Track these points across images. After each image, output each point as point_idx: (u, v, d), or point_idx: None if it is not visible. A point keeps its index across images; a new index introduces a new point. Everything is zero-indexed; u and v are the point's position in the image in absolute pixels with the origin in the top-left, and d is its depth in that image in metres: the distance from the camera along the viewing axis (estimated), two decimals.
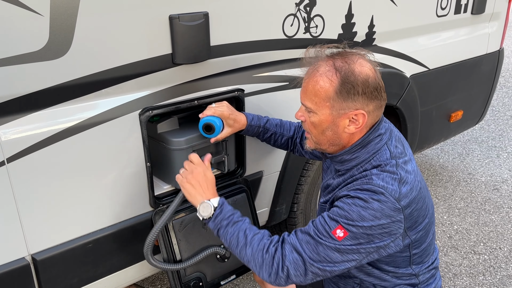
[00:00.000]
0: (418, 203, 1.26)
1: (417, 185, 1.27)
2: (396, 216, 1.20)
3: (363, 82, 1.22)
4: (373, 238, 1.21)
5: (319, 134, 1.31)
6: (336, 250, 1.21)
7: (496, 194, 3.29)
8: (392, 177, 1.23)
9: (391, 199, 1.19)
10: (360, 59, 1.25)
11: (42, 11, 1.21)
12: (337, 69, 1.23)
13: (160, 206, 1.64)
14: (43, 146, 1.32)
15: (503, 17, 2.90)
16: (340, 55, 1.27)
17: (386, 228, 1.21)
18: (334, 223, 1.22)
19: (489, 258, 2.63)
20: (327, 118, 1.27)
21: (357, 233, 1.20)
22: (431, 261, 1.44)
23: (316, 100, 1.26)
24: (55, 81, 1.29)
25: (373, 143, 1.29)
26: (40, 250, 1.42)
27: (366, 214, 1.19)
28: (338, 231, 1.21)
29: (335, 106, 1.24)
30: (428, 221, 1.33)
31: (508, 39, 8.22)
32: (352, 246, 1.21)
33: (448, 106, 2.80)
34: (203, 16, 1.48)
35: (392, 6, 2.14)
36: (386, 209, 1.19)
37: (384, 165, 1.26)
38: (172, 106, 1.54)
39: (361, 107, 1.24)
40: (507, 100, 5.24)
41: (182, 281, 1.66)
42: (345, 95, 1.22)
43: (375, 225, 1.19)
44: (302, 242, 1.25)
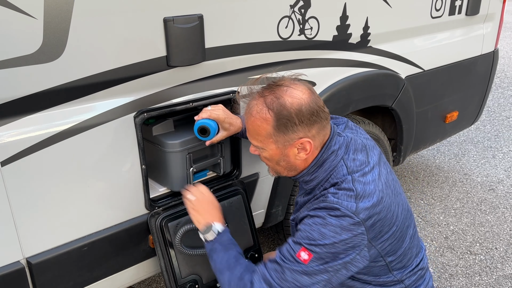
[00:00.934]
0: (381, 213, 1.26)
1: (378, 195, 1.26)
2: (357, 229, 1.21)
3: (297, 113, 1.24)
4: (338, 254, 1.21)
5: (275, 166, 1.38)
6: (304, 273, 1.22)
7: (492, 194, 3.30)
8: (347, 194, 1.24)
9: (348, 213, 1.21)
10: (289, 90, 1.26)
11: (36, 14, 1.21)
12: (268, 106, 1.26)
13: (155, 209, 1.64)
14: (38, 149, 1.32)
15: (498, 18, 2.91)
16: (269, 90, 1.28)
17: (349, 242, 1.21)
18: (297, 246, 1.24)
19: (485, 258, 2.64)
20: (276, 152, 1.32)
21: (321, 253, 1.21)
22: (415, 264, 1.43)
23: (260, 138, 1.31)
24: (49, 84, 1.29)
25: (328, 161, 1.32)
26: (35, 254, 1.41)
27: (327, 231, 1.20)
28: (303, 253, 1.22)
29: (278, 141, 1.29)
30: (396, 229, 1.32)
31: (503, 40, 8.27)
32: (319, 267, 1.22)
33: (444, 107, 2.81)
34: (197, 18, 1.48)
35: (387, 7, 2.15)
36: (344, 223, 1.20)
37: (340, 183, 1.28)
38: (167, 108, 1.54)
39: (304, 135, 1.27)
40: (502, 100, 5.26)
41: (178, 283, 1.65)
42: (283, 129, 1.26)
43: (337, 241, 1.20)
44: (270, 270, 1.27)
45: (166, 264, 1.64)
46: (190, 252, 1.62)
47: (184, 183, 1.68)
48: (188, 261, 1.68)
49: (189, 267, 1.68)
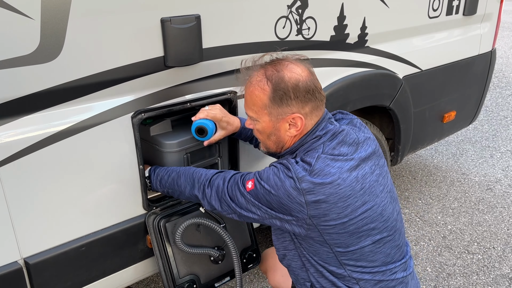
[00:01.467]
0: (329, 197, 1.27)
1: (335, 180, 1.27)
2: (296, 197, 1.26)
3: (294, 87, 1.30)
4: (272, 206, 1.31)
5: (266, 139, 1.42)
6: (242, 196, 1.36)
7: (489, 194, 3.31)
8: (303, 167, 1.29)
9: (294, 176, 1.27)
10: (290, 65, 1.33)
11: (33, 14, 1.21)
12: (268, 78, 1.32)
13: (153, 209, 1.64)
14: (35, 149, 1.32)
15: (495, 18, 2.92)
16: (271, 64, 1.36)
17: (285, 204, 1.28)
18: (252, 175, 1.36)
19: (483, 257, 2.65)
20: (268, 124, 1.37)
21: (259, 192, 1.32)
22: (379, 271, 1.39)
23: (255, 108, 1.36)
24: (47, 84, 1.29)
25: (309, 142, 1.37)
26: (33, 254, 1.41)
27: (271, 179, 1.30)
28: (250, 182, 1.34)
29: (272, 113, 1.34)
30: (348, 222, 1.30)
31: (500, 40, 8.28)
32: (253, 201, 1.34)
33: (441, 107, 2.82)
34: (195, 19, 1.49)
35: (384, 7, 2.16)
36: (287, 183, 1.27)
37: (305, 156, 1.32)
38: (165, 108, 1.54)
39: (297, 110, 1.32)
40: (500, 100, 5.27)
41: (176, 284, 1.66)
42: (278, 102, 1.31)
43: (274, 194, 1.28)
44: (232, 179, 1.40)
45: (164, 264, 1.64)
46: (190, 250, 1.62)
47: None
48: (186, 261, 1.68)
49: (187, 267, 1.68)
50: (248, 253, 1.86)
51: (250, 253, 1.86)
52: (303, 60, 1.38)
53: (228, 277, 1.79)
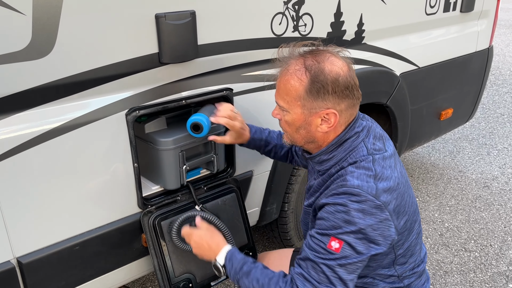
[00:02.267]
0: (397, 199, 1.25)
1: (394, 180, 1.25)
2: (380, 214, 1.19)
3: (333, 81, 1.21)
4: (369, 243, 1.19)
5: (293, 132, 1.33)
6: (339, 265, 1.19)
7: (486, 191, 3.31)
8: (366, 174, 1.22)
9: (369, 197, 1.18)
10: (331, 57, 1.25)
11: (25, 10, 1.19)
12: (307, 68, 1.23)
13: (148, 207, 1.62)
14: (28, 147, 1.30)
15: (492, 15, 2.91)
16: (311, 54, 1.26)
17: (377, 229, 1.19)
18: (326, 237, 1.21)
19: (480, 255, 2.64)
20: (299, 117, 1.27)
21: (350, 241, 1.18)
22: (416, 263, 1.42)
23: (288, 99, 1.27)
24: (39, 81, 1.27)
25: (349, 141, 1.29)
26: (26, 253, 1.39)
27: (350, 218, 1.18)
28: (333, 243, 1.19)
29: (306, 105, 1.25)
30: (408, 219, 1.31)
31: (497, 38, 8.29)
32: (353, 258, 1.19)
33: (438, 104, 2.81)
34: (190, 14, 1.47)
35: (381, 4, 2.14)
36: (367, 208, 1.18)
37: (360, 161, 1.26)
38: (160, 106, 1.52)
39: (332, 106, 1.24)
40: (497, 98, 5.27)
41: (171, 283, 1.64)
42: (315, 94, 1.22)
43: (363, 227, 1.18)
44: (307, 269, 1.23)
45: (159, 263, 1.62)
46: (186, 247, 1.60)
47: (178, 181, 1.66)
48: (181, 259, 1.66)
49: (182, 265, 1.66)
50: (244, 251, 1.84)
51: (246, 251, 1.85)
52: (343, 54, 1.30)
53: (225, 276, 1.78)
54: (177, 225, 1.58)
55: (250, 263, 1.34)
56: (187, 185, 1.70)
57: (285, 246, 2.38)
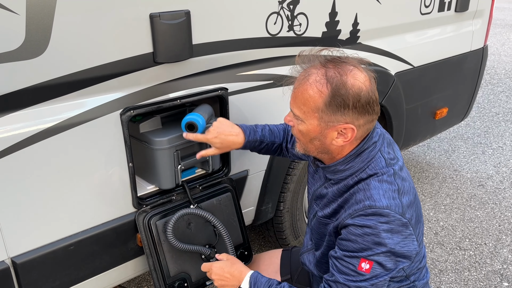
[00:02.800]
0: (416, 210, 1.27)
1: (412, 192, 1.27)
2: (406, 230, 1.20)
3: (354, 96, 1.15)
4: (397, 259, 1.21)
5: (307, 142, 1.28)
6: (371, 284, 1.21)
7: (481, 190, 3.32)
8: (391, 189, 1.21)
9: (397, 216, 1.19)
10: (354, 70, 1.18)
11: (18, 9, 1.18)
12: (328, 79, 1.16)
13: (143, 207, 1.62)
14: (22, 147, 1.29)
15: (487, 14, 2.92)
16: (333, 63, 1.19)
17: (404, 246, 1.20)
18: (355, 260, 1.21)
19: (475, 254, 2.65)
20: (315, 129, 1.22)
21: (380, 260, 1.19)
22: (419, 261, 1.43)
23: (305, 109, 1.21)
24: (33, 81, 1.27)
25: (367, 151, 1.26)
26: (20, 253, 1.39)
27: (381, 240, 1.18)
28: (363, 264, 1.19)
29: (323, 118, 1.19)
30: (421, 222, 1.34)
31: (493, 37, 8.32)
32: (383, 276, 1.21)
33: (433, 104, 2.82)
34: (184, 14, 1.47)
35: (376, 4, 2.15)
36: (395, 227, 1.19)
37: (381, 174, 1.24)
38: (154, 105, 1.52)
39: (351, 121, 1.19)
40: (492, 97, 5.30)
41: (166, 282, 1.64)
42: (334, 108, 1.17)
43: (392, 246, 1.18)
44: (337, 283, 1.24)
45: (154, 263, 1.62)
46: (181, 245, 1.60)
47: (173, 181, 1.66)
48: (176, 259, 1.66)
49: (177, 265, 1.66)
50: (240, 250, 1.85)
51: (242, 251, 1.85)
52: (365, 66, 1.23)
53: None
54: (172, 223, 1.58)
55: (275, 285, 1.33)
56: (182, 184, 1.70)
57: (280, 246, 2.39)
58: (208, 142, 1.55)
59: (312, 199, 1.47)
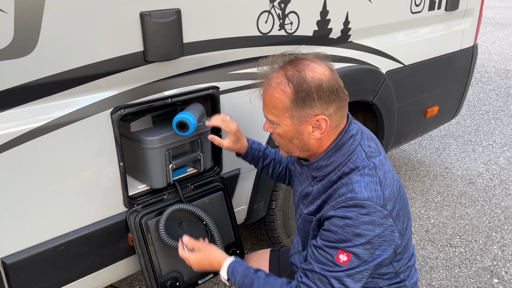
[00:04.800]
0: (400, 202, 1.28)
1: (396, 184, 1.28)
2: (386, 222, 1.21)
3: (317, 88, 1.21)
4: (375, 251, 1.22)
5: (287, 143, 1.33)
6: (347, 276, 1.22)
7: (471, 187, 3.36)
8: (373, 181, 1.23)
9: (378, 208, 1.20)
10: (311, 64, 1.24)
11: (6, 8, 1.17)
12: (289, 79, 1.23)
13: (134, 206, 1.62)
14: (11, 146, 1.28)
15: (477, 13, 2.95)
16: (290, 64, 1.26)
17: (382, 237, 1.22)
18: (334, 250, 1.22)
19: (465, 250, 2.68)
20: (290, 128, 1.27)
21: (358, 252, 1.21)
22: (408, 258, 1.45)
23: (276, 112, 1.27)
24: (21, 80, 1.25)
25: (347, 145, 1.29)
26: (10, 254, 1.38)
27: (361, 231, 1.19)
28: (341, 256, 1.21)
29: (294, 116, 1.25)
30: (407, 218, 1.35)
31: (483, 35, 8.39)
32: (360, 266, 1.22)
33: (424, 102, 2.84)
34: (175, 13, 1.46)
35: (367, 2, 2.15)
36: (376, 219, 1.20)
37: (362, 168, 1.26)
38: (145, 104, 1.52)
39: (321, 112, 1.24)
40: (482, 95, 5.34)
41: (158, 281, 1.64)
42: (301, 104, 1.23)
43: (372, 238, 1.20)
44: (315, 281, 1.25)
45: (146, 262, 1.62)
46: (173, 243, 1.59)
47: (164, 180, 1.66)
48: (168, 258, 1.66)
49: (169, 264, 1.66)
50: (232, 249, 1.85)
51: (234, 250, 1.86)
52: (323, 58, 1.28)
53: (212, 274, 1.78)
54: (163, 219, 1.58)
55: (252, 274, 1.34)
56: (173, 183, 1.70)
57: (273, 244, 2.39)
58: (230, 132, 1.58)
59: (299, 200, 1.49)
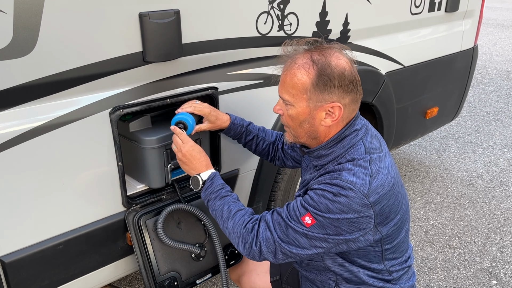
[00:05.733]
0: (390, 199, 1.28)
1: (389, 181, 1.28)
2: (365, 211, 1.22)
3: (339, 75, 1.24)
4: (341, 230, 1.24)
5: (297, 127, 1.34)
6: (304, 235, 1.27)
7: (471, 189, 3.35)
8: (363, 172, 1.25)
9: (359, 195, 1.21)
10: (336, 53, 1.28)
11: (5, 8, 1.18)
12: (314, 61, 1.25)
13: (133, 206, 1.62)
14: (10, 146, 1.29)
15: (477, 14, 2.95)
16: (317, 48, 1.29)
17: (355, 222, 1.23)
18: (304, 210, 1.27)
19: (464, 252, 2.68)
20: (304, 111, 1.29)
21: (324, 223, 1.24)
22: (404, 258, 1.46)
23: (294, 92, 1.28)
24: (20, 80, 1.26)
25: (348, 138, 1.31)
26: (9, 253, 1.39)
27: (333, 208, 1.22)
28: (307, 218, 1.26)
29: (312, 98, 1.27)
30: (400, 217, 1.35)
31: (484, 37, 8.38)
32: (319, 234, 1.26)
33: (424, 103, 2.84)
34: (174, 13, 1.47)
35: (367, 3, 2.16)
36: (353, 204, 1.21)
37: (358, 160, 1.28)
38: (144, 104, 1.52)
39: (337, 99, 1.26)
40: (483, 96, 5.34)
41: (156, 281, 1.64)
42: (321, 87, 1.25)
43: (342, 218, 1.22)
44: (275, 222, 1.32)
45: (144, 262, 1.62)
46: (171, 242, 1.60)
47: (162, 180, 1.67)
48: (166, 258, 1.67)
49: (167, 264, 1.67)
50: (230, 249, 1.85)
51: (232, 250, 1.86)
52: (347, 51, 1.33)
53: (210, 273, 1.78)
54: (162, 219, 1.59)
55: (228, 190, 1.46)
56: (172, 183, 1.70)
57: None
58: (204, 115, 1.60)
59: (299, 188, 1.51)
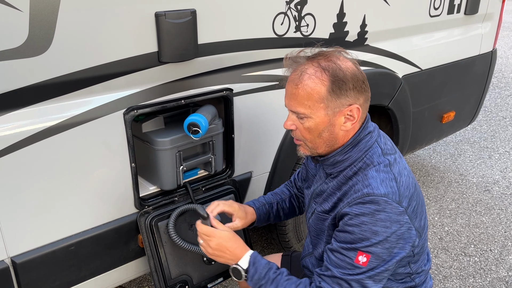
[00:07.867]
0: (417, 199, 1.27)
1: (412, 182, 1.27)
2: (402, 219, 1.20)
3: (352, 77, 1.23)
4: (393, 249, 1.20)
5: (315, 138, 1.28)
6: (368, 277, 1.20)
7: (487, 195, 3.29)
8: (388, 178, 1.22)
9: (394, 204, 1.19)
10: (341, 56, 1.27)
11: (22, 6, 1.17)
12: (324, 68, 1.22)
13: (145, 208, 1.60)
14: (23, 145, 1.28)
15: (497, 17, 2.89)
16: (321, 55, 1.26)
17: (400, 234, 1.19)
18: (352, 252, 1.20)
19: (480, 260, 2.62)
20: (323, 120, 1.24)
21: (377, 251, 1.18)
22: (424, 261, 1.42)
23: (309, 103, 1.23)
24: (36, 79, 1.25)
25: (364, 141, 1.29)
26: (20, 253, 1.38)
27: (378, 228, 1.17)
28: (360, 257, 1.19)
29: (329, 106, 1.23)
30: (423, 217, 1.32)
31: (501, 40, 8.26)
32: (380, 267, 1.20)
33: (440, 107, 2.79)
34: (190, 13, 1.45)
35: (385, 5, 2.12)
36: (392, 215, 1.18)
37: (378, 164, 1.25)
38: (158, 105, 1.50)
39: (354, 101, 1.24)
40: (499, 101, 5.25)
41: (168, 284, 1.62)
42: (338, 93, 1.22)
43: (389, 235, 1.18)
44: (333, 285, 1.23)
45: (155, 264, 1.60)
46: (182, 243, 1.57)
47: (174, 182, 1.65)
48: (178, 261, 1.64)
49: (179, 267, 1.65)
50: None
51: None
52: (346, 53, 1.31)
53: (222, 277, 1.76)
54: (173, 219, 1.56)
55: (275, 269, 1.31)
56: (184, 185, 1.68)
57: (283, 248, 2.36)
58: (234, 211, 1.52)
59: (311, 199, 1.46)
